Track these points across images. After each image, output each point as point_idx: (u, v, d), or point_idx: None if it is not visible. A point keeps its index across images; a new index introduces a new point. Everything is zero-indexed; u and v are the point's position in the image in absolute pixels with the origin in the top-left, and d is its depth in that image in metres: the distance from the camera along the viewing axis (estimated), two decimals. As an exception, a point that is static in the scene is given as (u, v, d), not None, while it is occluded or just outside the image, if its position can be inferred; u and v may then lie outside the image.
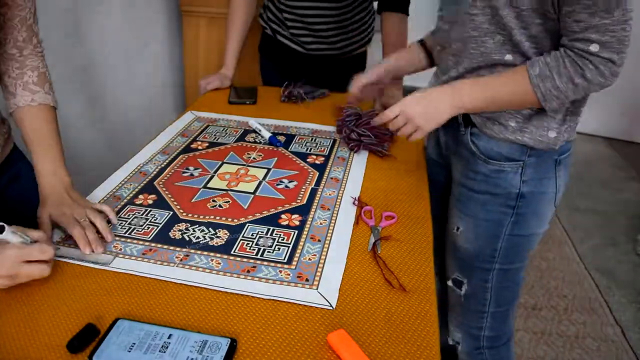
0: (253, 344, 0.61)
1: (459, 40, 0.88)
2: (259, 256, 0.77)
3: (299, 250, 0.78)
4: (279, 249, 0.78)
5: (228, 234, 0.81)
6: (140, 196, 0.92)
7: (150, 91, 2.07)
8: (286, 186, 0.97)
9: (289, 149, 1.12)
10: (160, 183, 0.96)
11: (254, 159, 1.07)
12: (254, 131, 1.20)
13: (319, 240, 0.81)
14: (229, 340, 0.60)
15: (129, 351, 0.58)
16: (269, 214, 0.88)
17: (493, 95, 0.84)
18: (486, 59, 0.85)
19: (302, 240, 0.81)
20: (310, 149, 1.12)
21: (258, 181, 0.98)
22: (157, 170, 1.01)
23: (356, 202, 0.91)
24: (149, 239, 0.80)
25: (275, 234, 0.82)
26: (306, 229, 0.83)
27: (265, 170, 1.02)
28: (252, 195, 0.93)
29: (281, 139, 1.15)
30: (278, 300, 0.68)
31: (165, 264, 0.74)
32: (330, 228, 0.84)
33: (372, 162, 1.07)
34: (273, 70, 1.61)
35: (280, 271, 0.74)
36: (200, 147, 1.12)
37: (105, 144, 1.78)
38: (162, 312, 0.65)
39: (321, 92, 1.43)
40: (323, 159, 1.08)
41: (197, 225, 0.83)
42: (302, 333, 0.63)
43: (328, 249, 0.79)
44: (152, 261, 0.75)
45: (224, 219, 0.85)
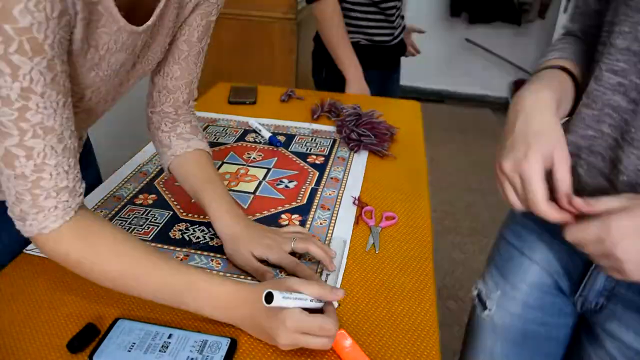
0: (253, 344, 0.61)
1: None
2: (259, 256, 0.77)
3: (299, 250, 0.78)
4: (279, 249, 0.78)
5: (228, 234, 0.81)
6: (141, 196, 0.92)
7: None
8: (286, 186, 0.97)
9: (289, 149, 1.12)
10: (161, 183, 0.96)
11: (254, 159, 1.07)
12: (254, 131, 1.20)
13: (319, 240, 0.81)
14: (229, 340, 0.60)
15: (129, 351, 0.58)
16: (269, 213, 0.88)
17: None
18: None
19: (302, 240, 0.81)
20: (310, 149, 1.12)
21: (258, 181, 0.98)
22: (157, 170, 1.01)
23: (356, 202, 0.91)
24: (149, 238, 0.80)
25: (275, 234, 0.82)
26: (306, 229, 0.83)
27: (265, 170, 1.02)
28: (252, 195, 0.93)
29: (281, 139, 1.15)
30: (278, 300, 0.68)
31: (165, 263, 0.74)
32: (330, 228, 0.84)
33: (372, 162, 1.07)
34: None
35: (281, 271, 0.73)
36: (200, 147, 1.12)
37: (106, 143, 1.78)
38: (162, 312, 0.65)
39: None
40: (323, 159, 1.08)
41: (197, 225, 0.83)
42: (302, 333, 0.63)
43: (328, 249, 0.79)
44: (152, 261, 0.75)
45: (224, 218, 0.85)
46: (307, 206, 0.90)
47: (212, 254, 0.77)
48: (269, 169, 1.03)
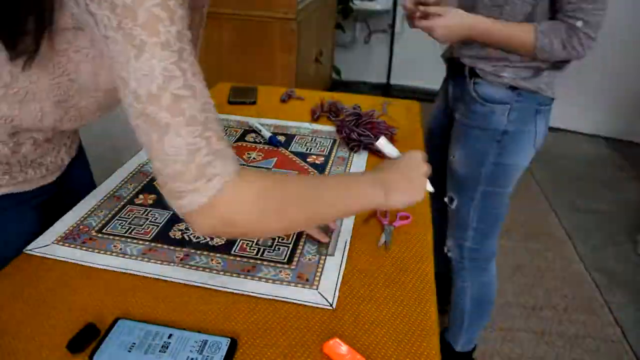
0: (253, 344, 0.61)
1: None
2: (259, 256, 0.77)
3: (299, 250, 0.78)
4: (279, 248, 0.78)
5: (228, 234, 0.81)
6: (141, 196, 0.92)
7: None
8: (286, 186, 0.96)
9: (289, 149, 1.12)
10: (160, 183, 0.96)
11: (254, 158, 1.07)
12: (254, 131, 1.20)
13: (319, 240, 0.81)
14: (229, 340, 0.60)
15: (129, 351, 0.58)
16: (269, 213, 0.87)
17: (500, 29, 1.05)
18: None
19: (302, 240, 0.81)
20: (310, 149, 1.12)
21: (258, 181, 0.98)
22: (157, 170, 1.01)
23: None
24: (149, 238, 0.80)
25: (276, 234, 0.82)
26: (306, 229, 0.83)
27: (266, 170, 1.02)
28: (252, 195, 0.93)
29: (281, 139, 1.15)
30: (278, 300, 0.68)
31: (165, 263, 0.74)
32: (330, 228, 0.84)
33: (372, 162, 1.07)
34: None
35: (281, 271, 0.74)
36: (200, 147, 1.12)
37: (106, 143, 1.78)
38: (162, 312, 0.65)
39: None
40: (323, 159, 1.08)
41: (197, 225, 0.83)
42: (302, 333, 0.63)
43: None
44: (152, 261, 0.75)
45: (224, 218, 0.85)
46: (307, 206, 0.90)
47: (212, 254, 0.77)
48: (269, 169, 1.03)
